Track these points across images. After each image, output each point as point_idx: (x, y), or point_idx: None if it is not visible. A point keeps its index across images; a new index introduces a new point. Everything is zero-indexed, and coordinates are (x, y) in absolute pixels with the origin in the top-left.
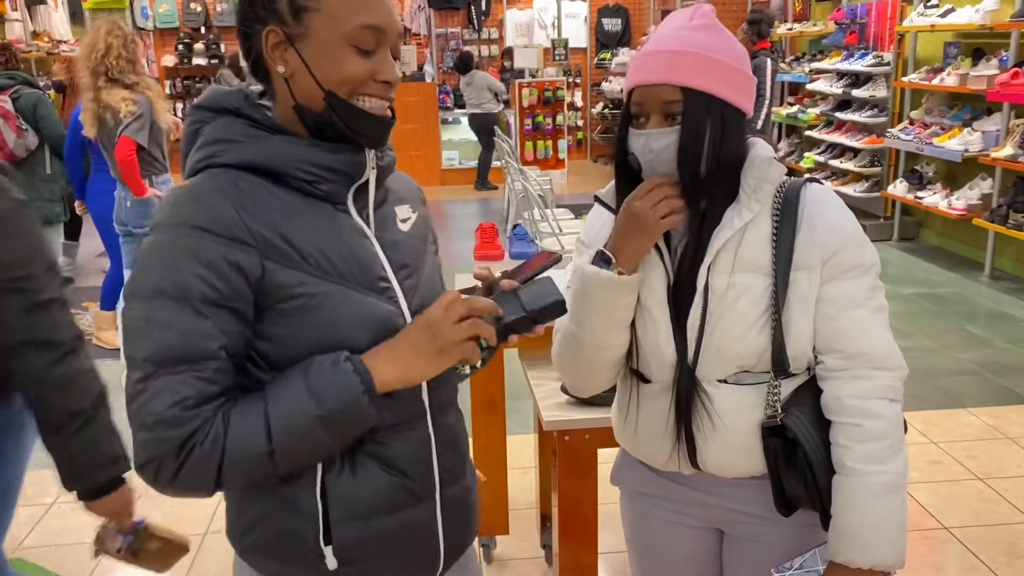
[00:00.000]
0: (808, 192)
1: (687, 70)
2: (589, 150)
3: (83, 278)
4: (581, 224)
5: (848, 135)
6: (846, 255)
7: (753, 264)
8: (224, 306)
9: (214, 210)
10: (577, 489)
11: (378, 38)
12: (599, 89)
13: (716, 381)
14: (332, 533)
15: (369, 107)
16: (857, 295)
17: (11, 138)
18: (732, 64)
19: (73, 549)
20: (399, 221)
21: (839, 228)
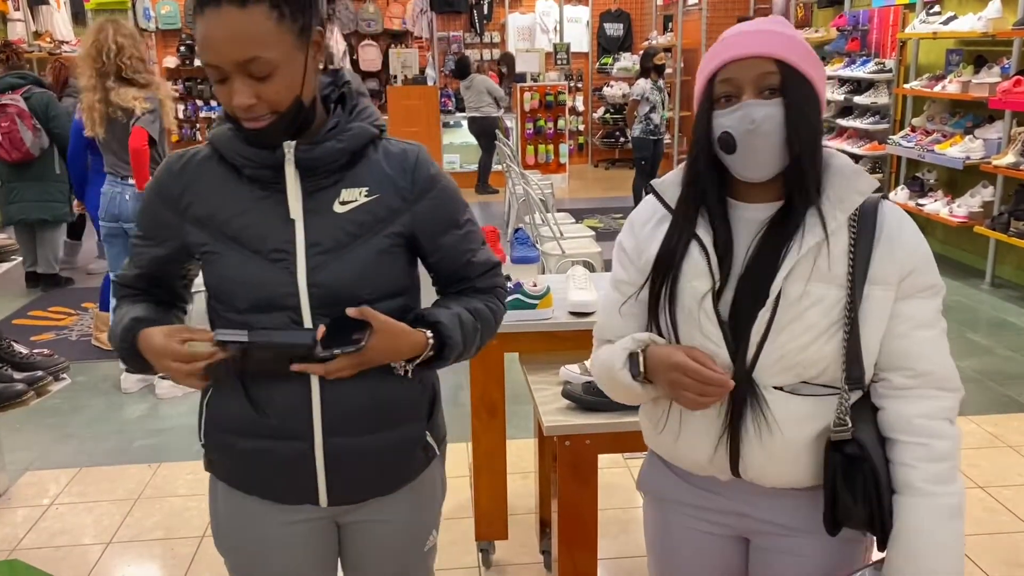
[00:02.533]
0: (886, 208)
1: (782, 46)
2: (590, 155)
3: (82, 279)
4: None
5: (849, 142)
6: (921, 275)
7: (829, 274)
8: (148, 237)
9: (163, 178)
10: (577, 495)
11: (220, 72)
12: (600, 94)
13: (773, 388)
14: (205, 431)
15: (244, 123)
16: (928, 315)
17: (28, 137)
18: (812, 52)
19: (71, 551)
20: (337, 203)
21: (916, 248)
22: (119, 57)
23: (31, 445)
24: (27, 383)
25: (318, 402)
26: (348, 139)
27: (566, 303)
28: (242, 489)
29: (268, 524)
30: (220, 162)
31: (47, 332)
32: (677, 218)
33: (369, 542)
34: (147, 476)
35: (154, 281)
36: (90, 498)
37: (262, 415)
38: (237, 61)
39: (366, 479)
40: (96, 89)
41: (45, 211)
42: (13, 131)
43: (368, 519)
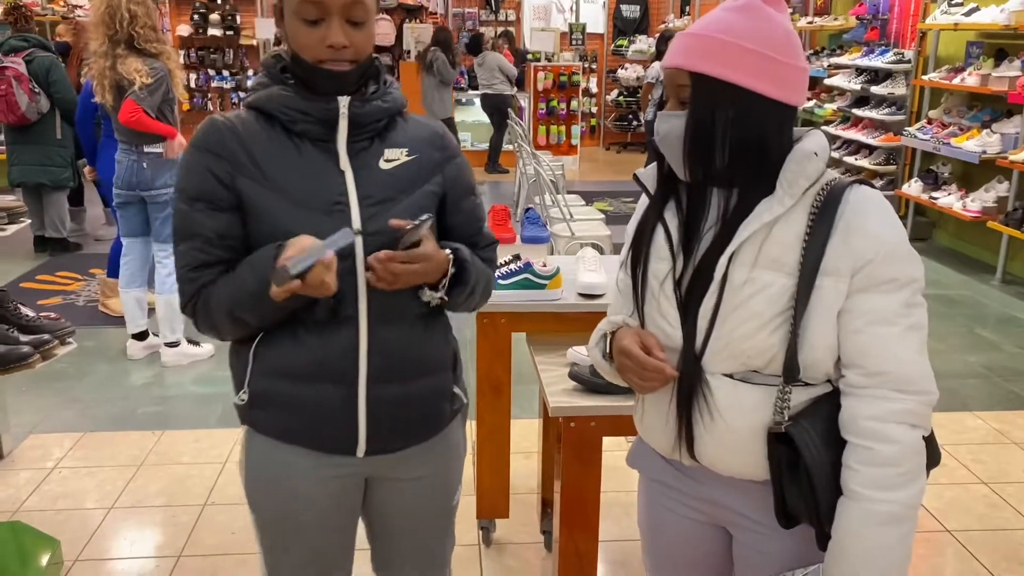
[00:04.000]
0: (852, 194)
1: (698, 55)
2: (602, 137)
3: (90, 245)
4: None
5: (864, 132)
6: (881, 267)
7: (777, 262)
8: (204, 199)
9: (208, 134)
10: (580, 476)
11: (319, 10)
12: (615, 76)
13: (721, 375)
14: (250, 379)
15: (326, 66)
16: (888, 311)
17: (23, 100)
18: (756, 49)
19: (72, 514)
20: (383, 160)
21: (877, 237)
22: (132, 26)
23: (36, 408)
24: (33, 346)
25: (364, 348)
26: (391, 101)
27: (575, 284)
28: (283, 438)
29: (301, 477)
30: (266, 122)
31: (55, 296)
32: (651, 202)
33: (396, 498)
34: (150, 443)
35: (220, 244)
36: (93, 463)
37: (315, 363)
38: (347, 3)
39: (402, 427)
40: (107, 56)
41: (44, 175)
42: (9, 94)
43: (397, 476)
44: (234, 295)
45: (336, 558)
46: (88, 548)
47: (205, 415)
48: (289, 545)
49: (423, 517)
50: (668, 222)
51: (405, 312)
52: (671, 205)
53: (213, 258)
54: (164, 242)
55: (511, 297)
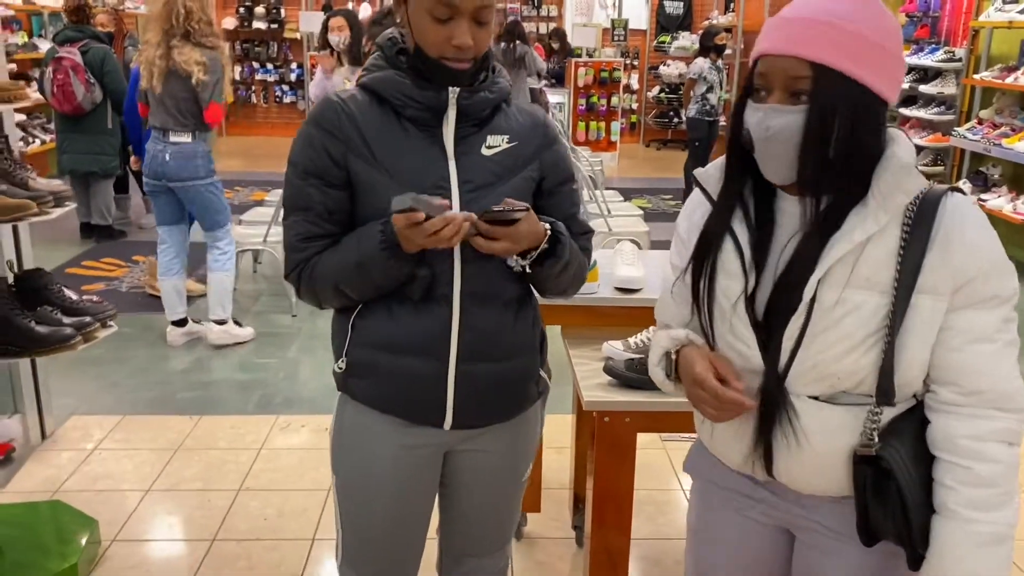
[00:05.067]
0: (948, 204)
1: (821, 43)
2: (642, 134)
3: (134, 233)
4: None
5: (912, 132)
6: (984, 283)
7: (870, 280)
8: (317, 175)
9: (325, 112)
10: (613, 472)
11: (451, 11)
12: (656, 73)
13: (807, 397)
14: (348, 349)
15: (447, 63)
16: (988, 327)
17: (80, 91)
18: (877, 41)
19: (111, 495)
20: (484, 147)
21: (979, 251)
22: (188, 21)
23: (78, 391)
24: (75, 328)
25: (456, 327)
26: (497, 91)
27: (612, 278)
28: (376, 407)
29: (387, 445)
30: (376, 104)
31: (99, 282)
32: (716, 209)
33: (472, 470)
34: (188, 428)
35: (329, 219)
36: (131, 446)
37: (409, 335)
38: (478, 5)
39: (489, 405)
40: (159, 46)
41: (94, 163)
42: (66, 84)
43: (476, 448)
44: (339, 267)
45: (411, 528)
46: (125, 529)
47: (242, 402)
48: (365, 510)
49: (493, 489)
50: (737, 233)
51: (498, 295)
52: (738, 213)
53: (322, 231)
54: (213, 229)
55: None
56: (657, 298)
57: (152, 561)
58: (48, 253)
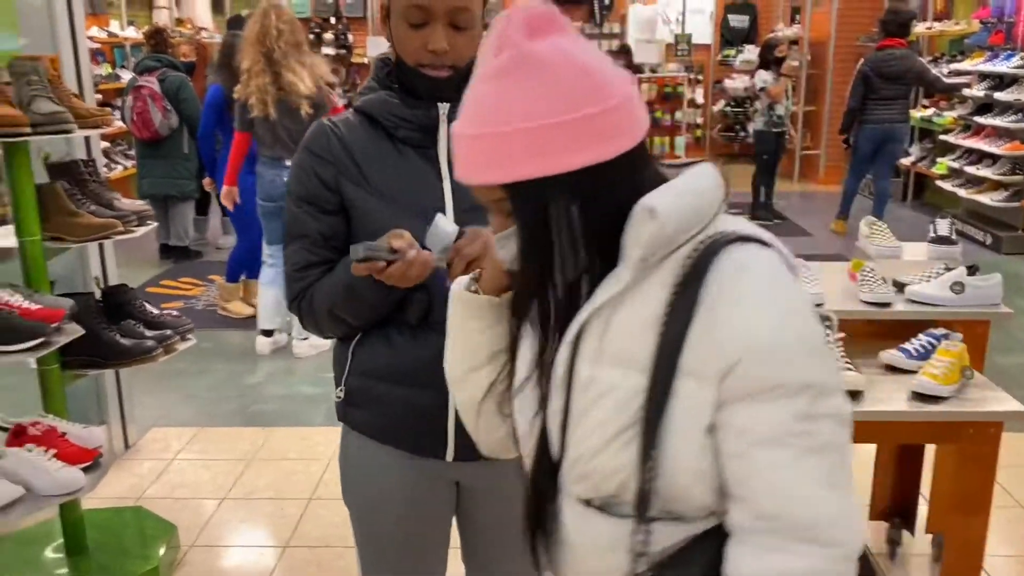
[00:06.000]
0: (723, 260)
1: (485, 164)
2: (708, 148)
3: (210, 253)
4: None
5: (987, 141)
6: (757, 367)
7: (623, 354)
8: (310, 201)
9: (315, 136)
10: None
11: (424, 14)
12: (721, 87)
13: (578, 500)
14: (347, 378)
15: (425, 70)
16: (775, 427)
17: (157, 118)
18: (550, 122)
19: (189, 503)
20: None
21: (749, 324)
22: (278, 41)
23: (158, 404)
24: (157, 340)
25: None
26: None
27: None
28: (376, 437)
29: (393, 476)
30: (371, 126)
31: (176, 301)
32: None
33: (487, 512)
34: (261, 439)
35: (325, 245)
36: (208, 456)
37: (405, 366)
38: (452, 7)
39: None
40: (264, 72)
41: (172, 187)
42: (145, 111)
43: (487, 488)
44: (331, 291)
45: (429, 555)
46: (203, 535)
47: (311, 414)
48: (382, 539)
49: (510, 519)
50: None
51: None
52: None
53: (318, 258)
54: None
55: None
56: None
57: (229, 566)
58: (130, 273)
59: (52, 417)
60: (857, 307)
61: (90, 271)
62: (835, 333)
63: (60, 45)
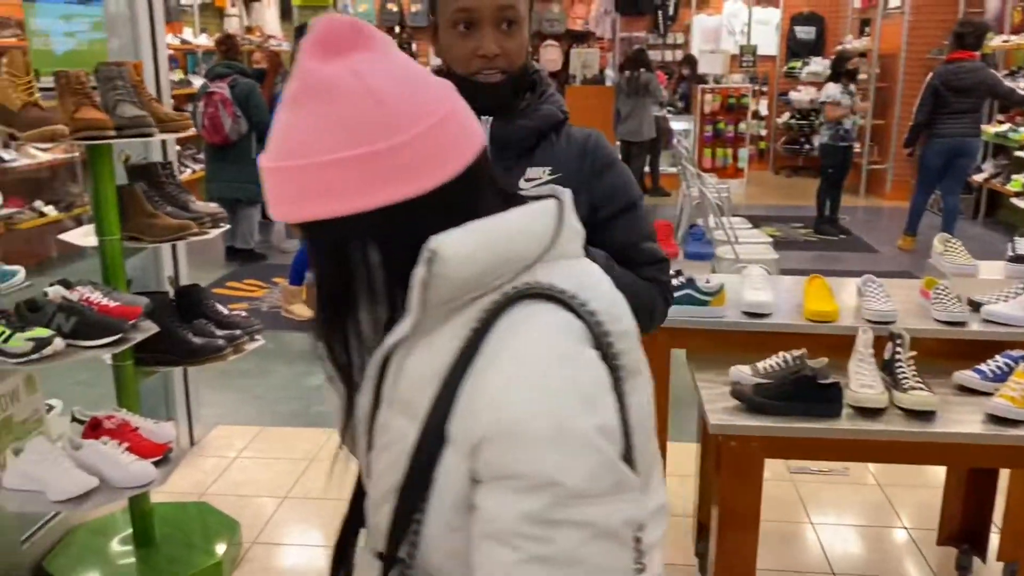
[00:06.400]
0: (505, 319)
1: (282, 199)
2: (771, 161)
3: (274, 256)
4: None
5: None
6: (498, 449)
7: (410, 405)
8: None
9: None
10: (739, 497)
11: (472, 16)
12: (786, 99)
13: (367, 550)
14: None
15: (477, 77)
16: (505, 522)
17: (227, 123)
18: (336, 156)
19: (251, 500)
20: (523, 180)
21: (497, 400)
22: None
23: (223, 403)
24: (227, 340)
25: None
26: (538, 119)
27: (740, 303)
28: None
29: None
30: None
31: (241, 302)
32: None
33: None
34: (322, 440)
35: None
36: (270, 455)
37: None
38: (499, 4)
39: None
40: None
41: (239, 191)
42: (215, 116)
43: None
44: None
45: None
46: (264, 533)
47: None
48: None
49: None
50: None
51: None
52: None
53: None
54: None
55: (671, 313)
56: (785, 323)
57: (289, 564)
58: (197, 274)
59: (126, 412)
60: (930, 325)
61: (163, 271)
62: (907, 351)
63: (141, 51)
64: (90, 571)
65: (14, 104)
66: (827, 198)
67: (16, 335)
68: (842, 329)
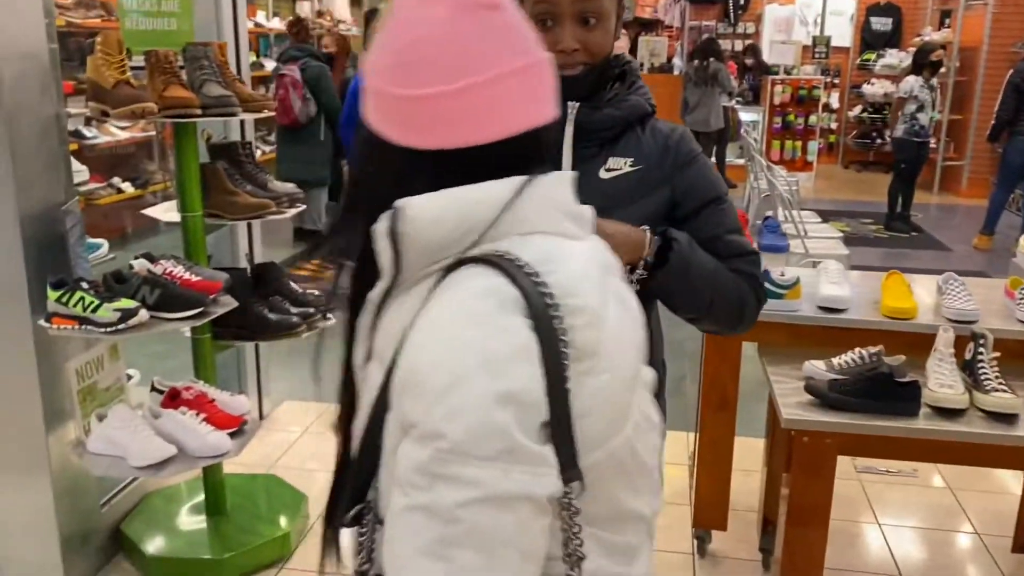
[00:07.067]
0: (450, 277)
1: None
2: (841, 154)
3: None
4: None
5: None
6: (406, 395)
7: (383, 359)
8: None
9: None
10: (810, 493)
11: (552, 11)
12: (859, 91)
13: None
14: None
15: (559, 71)
16: (402, 468)
17: (297, 105)
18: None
19: (318, 475)
20: (603, 170)
21: (411, 353)
22: None
23: (291, 378)
24: (301, 317)
25: None
26: (625, 109)
27: (815, 297)
28: None
29: None
30: None
31: (308, 282)
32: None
33: None
34: None
35: None
36: None
37: None
38: (579, 1)
39: None
40: None
41: (307, 173)
42: (286, 98)
43: None
44: None
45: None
46: None
47: None
48: None
49: None
50: None
51: None
52: None
53: None
54: None
55: None
56: (861, 319)
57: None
58: (267, 252)
59: (203, 383)
60: (1014, 327)
61: (239, 248)
62: (990, 352)
63: (224, 32)
64: (164, 536)
65: (107, 82)
66: (899, 194)
67: (104, 305)
68: (920, 327)
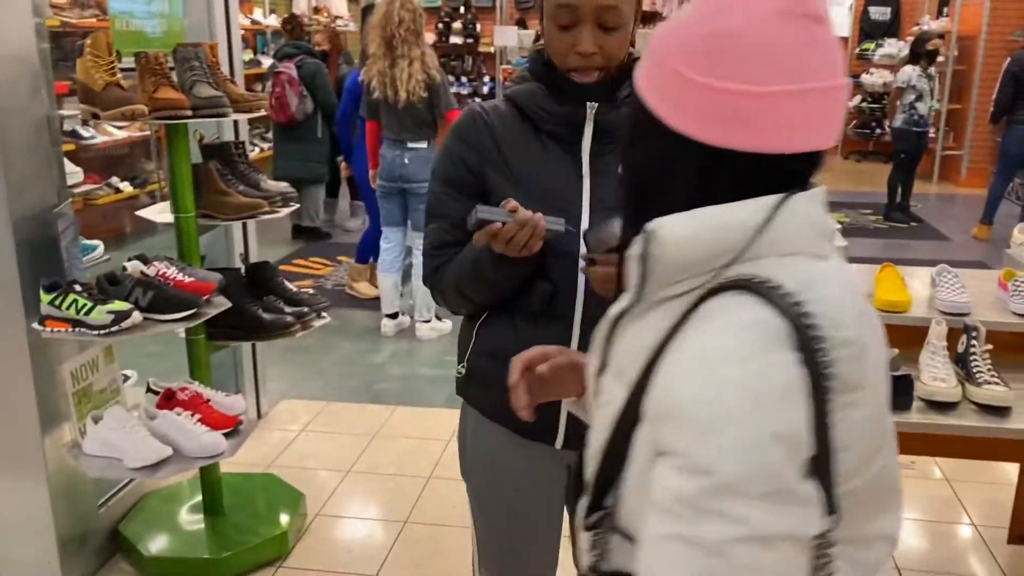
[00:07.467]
0: (705, 307)
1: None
2: (841, 145)
3: (339, 235)
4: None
5: None
6: (667, 427)
7: (622, 374)
8: (453, 185)
9: (464, 121)
10: None
11: (573, 15)
12: (858, 81)
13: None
14: (470, 356)
15: (573, 75)
16: (662, 494)
17: (294, 102)
18: (661, 60)
19: (315, 474)
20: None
21: (673, 383)
22: (399, 28)
23: (288, 377)
24: (295, 316)
25: (575, 347)
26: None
27: None
28: (490, 416)
29: (507, 453)
30: (518, 117)
31: (306, 280)
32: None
33: None
34: (384, 416)
35: (462, 227)
36: (334, 430)
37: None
38: (600, 6)
39: None
40: (385, 57)
41: (304, 170)
42: (282, 96)
43: None
44: (459, 267)
45: (540, 535)
46: (328, 505)
47: (432, 395)
48: (496, 513)
49: None
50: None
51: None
52: None
53: (454, 239)
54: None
55: None
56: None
57: (351, 537)
58: (264, 251)
59: (198, 384)
60: (1007, 319)
61: (234, 247)
62: (982, 345)
63: (216, 32)
64: (162, 536)
65: (97, 84)
66: (899, 184)
67: (97, 307)
68: (914, 320)
